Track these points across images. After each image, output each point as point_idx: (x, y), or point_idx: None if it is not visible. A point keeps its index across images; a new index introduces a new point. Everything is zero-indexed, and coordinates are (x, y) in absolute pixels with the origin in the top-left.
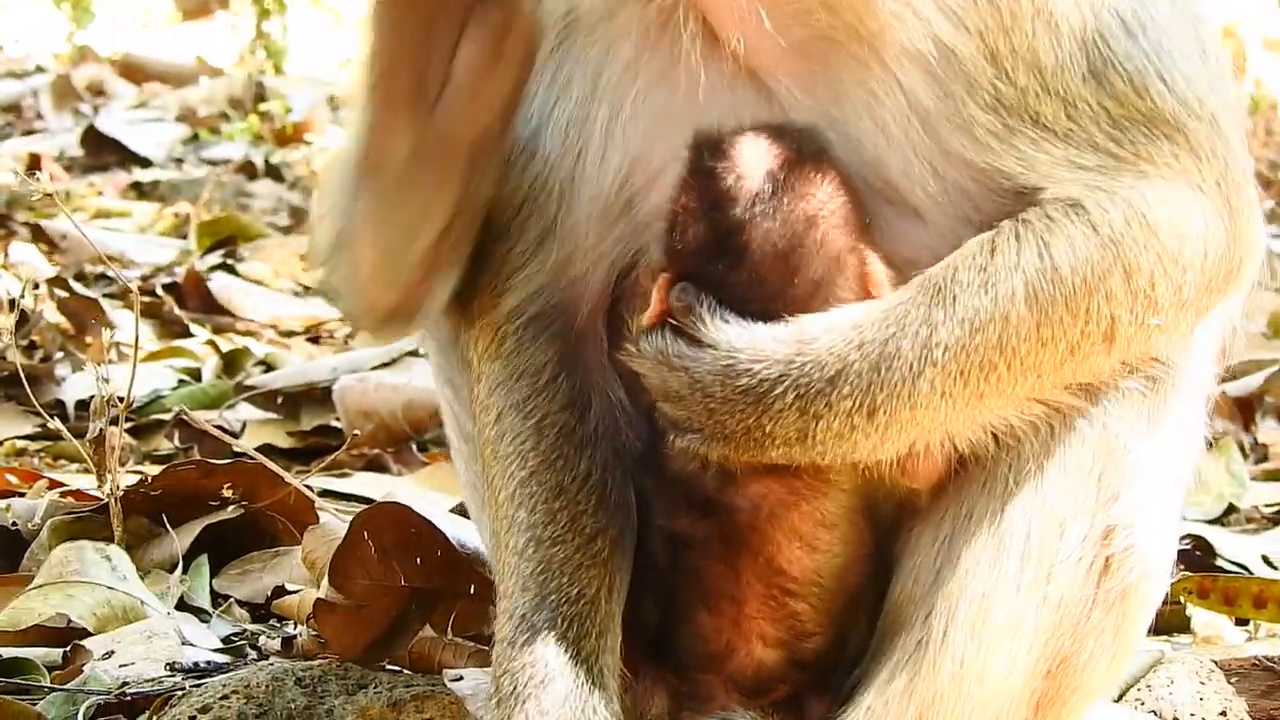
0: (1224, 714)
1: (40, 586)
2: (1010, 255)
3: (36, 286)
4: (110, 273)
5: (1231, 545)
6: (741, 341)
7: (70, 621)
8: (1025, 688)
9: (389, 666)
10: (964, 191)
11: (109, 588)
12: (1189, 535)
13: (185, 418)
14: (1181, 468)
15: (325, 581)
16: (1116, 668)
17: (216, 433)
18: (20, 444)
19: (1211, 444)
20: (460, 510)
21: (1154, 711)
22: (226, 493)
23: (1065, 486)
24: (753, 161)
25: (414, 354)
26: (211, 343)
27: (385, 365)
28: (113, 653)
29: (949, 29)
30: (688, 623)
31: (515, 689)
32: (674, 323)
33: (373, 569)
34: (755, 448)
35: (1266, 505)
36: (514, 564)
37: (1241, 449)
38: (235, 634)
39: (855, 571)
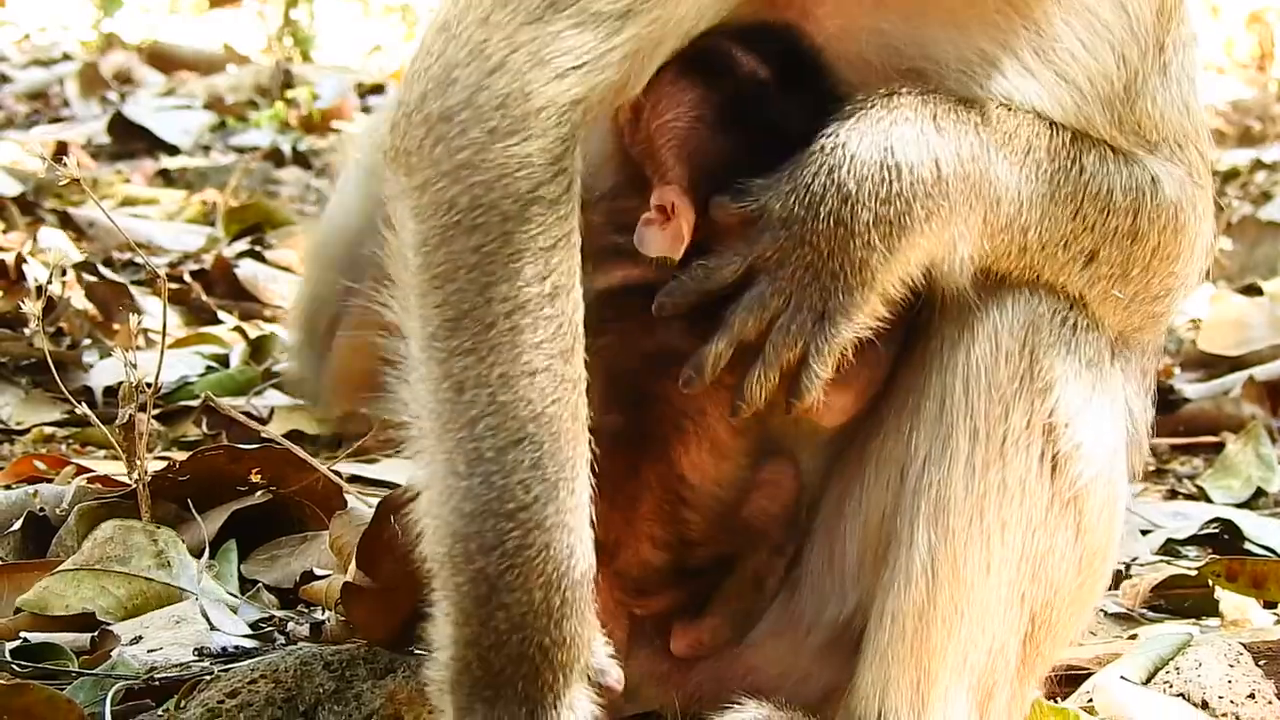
0: (1252, 696)
1: (75, 571)
2: (1041, 127)
3: (64, 273)
4: (138, 259)
5: (1259, 529)
6: (794, 157)
7: (98, 614)
8: (1013, 591)
9: (417, 650)
10: None
11: (147, 579)
12: (1217, 519)
13: (213, 404)
14: (1113, 384)
15: (353, 565)
16: (1087, 579)
17: (244, 419)
18: (48, 430)
19: (1240, 429)
20: None
21: (1182, 694)
22: (254, 478)
23: (1000, 360)
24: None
25: None
26: (239, 329)
27: None
28: (141, 638)
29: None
30: None
31: None
32: (736, 211)
33: (400, 553)
34: (860, 246)
35: None
36: None
37: (1269, 433)
38: (263, 619)
39: (762, 497)
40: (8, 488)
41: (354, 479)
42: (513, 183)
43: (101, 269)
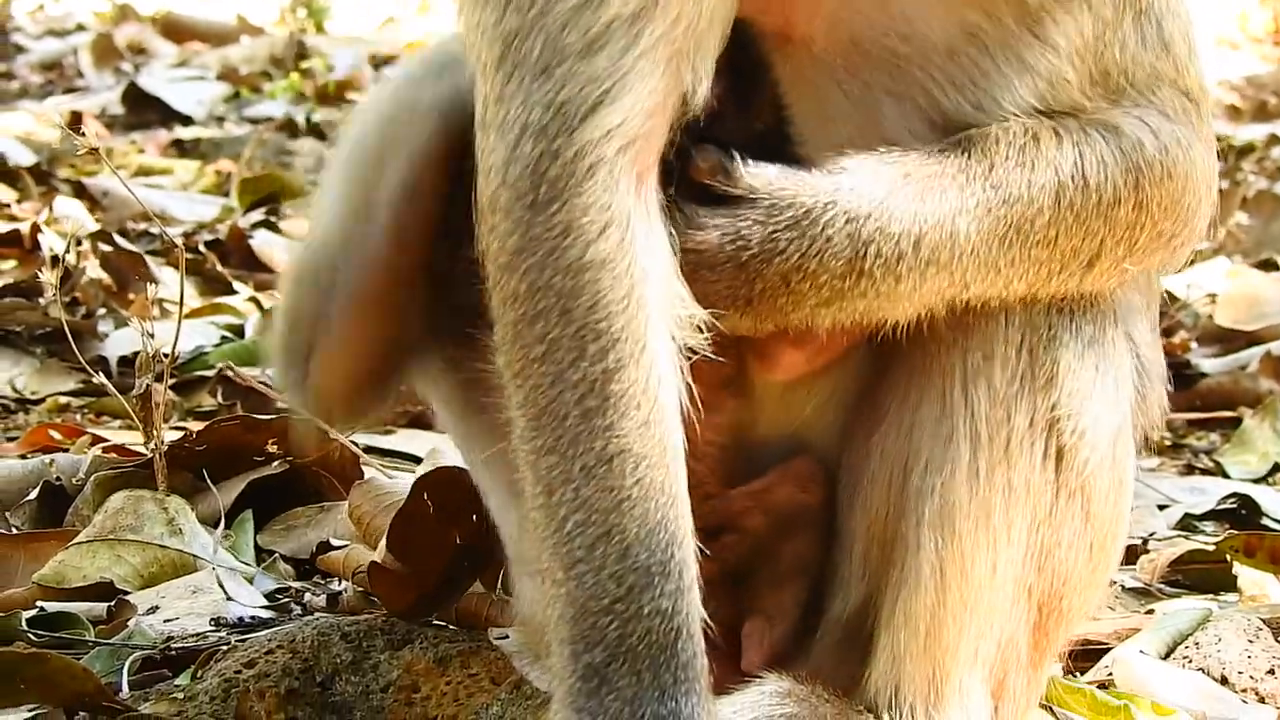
0: (1272, 672)
1: (90, 542)
2: (1050, 149)
3: (79, 243)
4: (152, 229)
5: (1277, 504)
6: (784, 178)
7: (116, 581)
8: (1019, 587)
9: (435, 622)
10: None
11: (161, 546)
12: (1234, 494)
13: (231, 374)
14: (1117, 358)
15: (382, 545)
16: (1100, 562)
17: (262, 388)
18: (63, 400)
19: (1256, 404)
20: None
21: (1202, 669)
22: (271, 448)
23: (997, 364)
24: None
25: None
26: (254, 300)
27: None
28: (157, 608)
29: None
30: None
31: None
32: (707, 183)
33: (430, 533)
34: (789, 301)
35: None
36: None
37: None
38: (280, 589)
39: (792, 486)
40: (23, 457)
41: (371, 450)
42: (562, 256)
43: (117, 239)
